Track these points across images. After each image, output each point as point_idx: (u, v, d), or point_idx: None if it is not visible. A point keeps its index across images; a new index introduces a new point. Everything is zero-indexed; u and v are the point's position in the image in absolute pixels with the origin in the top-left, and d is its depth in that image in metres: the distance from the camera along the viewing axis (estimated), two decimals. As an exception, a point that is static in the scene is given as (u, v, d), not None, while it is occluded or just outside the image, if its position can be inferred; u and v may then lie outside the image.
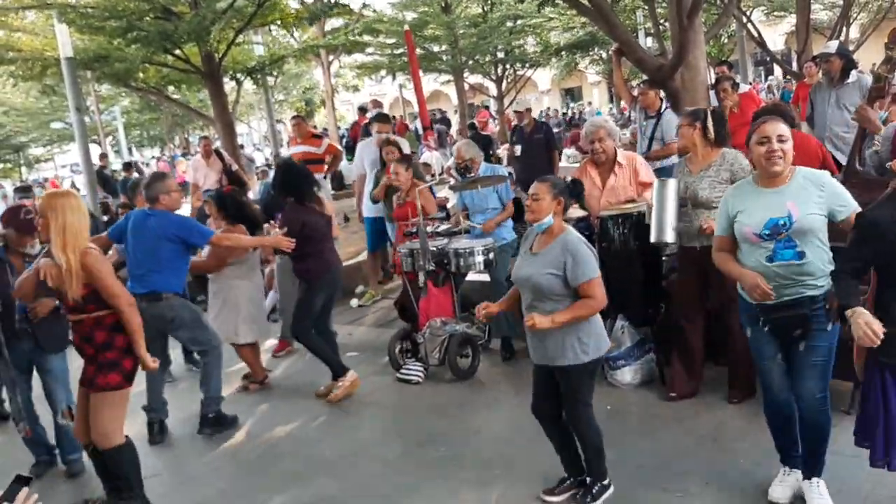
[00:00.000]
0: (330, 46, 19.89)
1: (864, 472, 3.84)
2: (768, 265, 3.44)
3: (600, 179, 5.65)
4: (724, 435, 4.46)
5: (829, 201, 3.42)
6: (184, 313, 5.45)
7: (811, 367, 3.49)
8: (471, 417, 5.32)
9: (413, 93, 15.76)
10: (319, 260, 5.90)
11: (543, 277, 3.74)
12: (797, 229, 3.38)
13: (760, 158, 3.46)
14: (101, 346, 4.12)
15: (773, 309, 3.48)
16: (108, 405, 4.17)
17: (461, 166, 6.51)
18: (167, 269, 5.30)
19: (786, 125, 3.49)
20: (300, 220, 5.79)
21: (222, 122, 14.19)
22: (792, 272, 3.42)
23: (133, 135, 40.58)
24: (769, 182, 3.51)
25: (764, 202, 3.47)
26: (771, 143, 3.41)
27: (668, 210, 4.82)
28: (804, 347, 3.48)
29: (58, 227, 3.93)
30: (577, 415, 3.88)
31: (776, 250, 3.42)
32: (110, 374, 4.13)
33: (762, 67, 36.65)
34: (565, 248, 3.73)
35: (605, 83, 38.85)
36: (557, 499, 4.04)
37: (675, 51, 7.51)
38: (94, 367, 4.15)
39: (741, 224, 3.53)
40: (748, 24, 15.97)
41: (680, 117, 5.20)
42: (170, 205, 5.36)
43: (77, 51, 12.79)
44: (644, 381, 5.37)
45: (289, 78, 34.16)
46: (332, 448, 5.13)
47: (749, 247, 3.53)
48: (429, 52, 25.09)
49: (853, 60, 7.32)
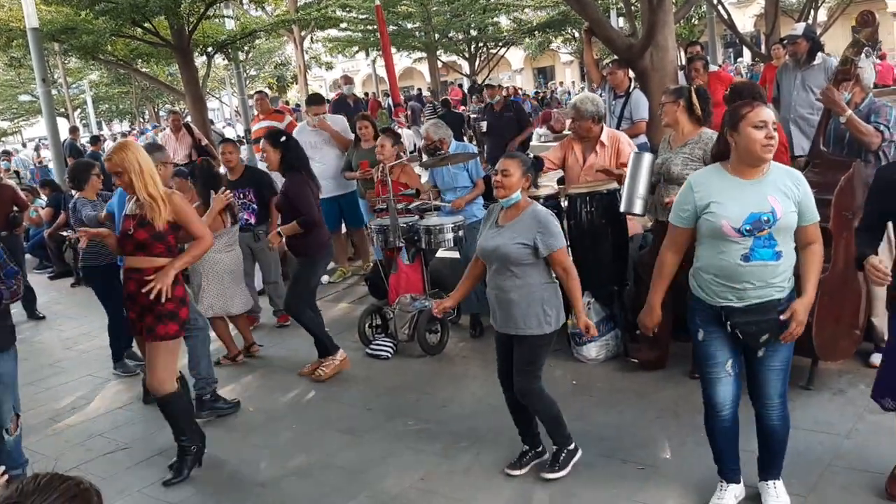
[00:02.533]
0: (302, 21, 19.71)
1: (822, 445, 3.98)
2: (743, 264, 3.16)
3: (582, 156, 5.72)
4: (684, 409, 4.56)
5: (802, 199, 3.19)
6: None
7: (771, 371, 3.31)
8: (439, 392, 5.39)
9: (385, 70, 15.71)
10: (318, 235, 5.74)
11: (513, 247, 3.82)
12: (780, 227, 3.13)
13: (756, 144, 3.10)
14: (159, 296, 4.23)
15: (741, 312, 3.22)
16: (165, 353, 4.37)
17: (430, 147, 6.52)
18: None
19: None
20: (306, 189, 5.61)
21: (192, 96, 14.05)
22: (765, 273, 3.17)
23: (102, 109, 39.96)
24: (746, 172, 3.20)
25: (744, 193, 3.16)
26: (768, 127, 3.11)
27: (640, 182, 4.90)
28: (765, 352, 3.28)
29: (136, 173, 4.20)
30: (529, 388, 3.95)
31: (754, 248, 3.14)
32: (170, 323, 4.32)
33: (731, 49, 36.89)
34: (536, 219, 3.83)
35: (578, 63, 38.90)
36: (521, 472, 4.12)
37: (645, 31, 7.57)
38: (152, 316, 4.31)
39: (716, 216, 3.17)
40: (718, 6, 16.06)
41: (662, 95, 5.21)
42: (162, 177, 5.33)
43: (43, 22, 12.59)
44: (609, 357, 5.47)
45: (260, 53, 33.81)
46: (300, 421, 5.18)
47: (720, 243, 3.20)
48: (402, 29, 24.99)
49: (819, 43, 7.42)
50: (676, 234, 3.40)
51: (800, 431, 4.08)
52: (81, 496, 1.77)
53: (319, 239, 5.76)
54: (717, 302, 3.27)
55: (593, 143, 5.68)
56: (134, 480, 4.57)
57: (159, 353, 4.36)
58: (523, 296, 3.85)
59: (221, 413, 5.41)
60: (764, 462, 3.55)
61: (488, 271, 4.01)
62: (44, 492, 1.73)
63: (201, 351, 5.46)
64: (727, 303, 3.24)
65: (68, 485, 1.77)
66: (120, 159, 4.20)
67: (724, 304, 3.25)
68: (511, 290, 3.87)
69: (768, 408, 3.38)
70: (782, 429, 3.42)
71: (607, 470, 4.07)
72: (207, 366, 5.47)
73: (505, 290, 3.89)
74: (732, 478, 3.59)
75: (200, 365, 5.43)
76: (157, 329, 4.32)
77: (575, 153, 5.75)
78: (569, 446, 4.08)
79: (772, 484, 3.53)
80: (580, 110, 5.62)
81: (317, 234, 5.72)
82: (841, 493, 3.60)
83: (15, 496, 1.74)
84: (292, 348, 6.57)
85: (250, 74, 34.22)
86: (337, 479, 4.33)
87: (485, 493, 4.02)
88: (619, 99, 7.31)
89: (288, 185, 5.74)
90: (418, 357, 6.02)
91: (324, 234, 5.84)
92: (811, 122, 6.59)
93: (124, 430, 5.38)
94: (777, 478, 3.54)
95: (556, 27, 26.32)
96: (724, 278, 3.22)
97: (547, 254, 3.80)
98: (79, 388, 6.32)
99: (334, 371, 5.78)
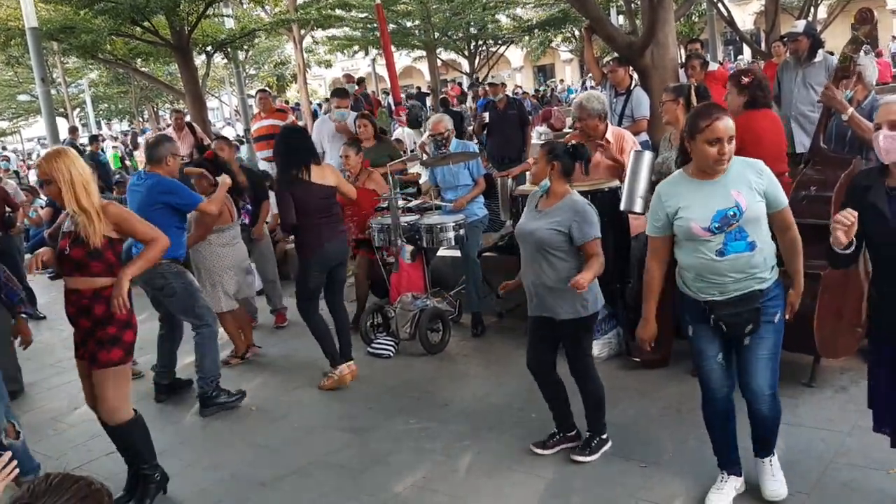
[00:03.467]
0: (302, 20, 19.69)
1: (824, 442, 3.98)
2: (718, 259, 3.26)
3: None
4: (687, 406, 4.55)
5: (768, 188, 3.29)
6: (175, 282, 5.29)
7: (759, 360, 3.38)
8: (440, 391, 5.38)
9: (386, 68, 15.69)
10: (311, 235, 5.49)
11: (548, 232, 3.94)
12: (748, 218, 3.23)
13: (708, 159, 3.23)
14: (101, 321, 3.99)
15: (724, 305, 3.32)
16: (112, 381, 4.04)
17: (439, 138, 6.47)
18: None
19: (732, 121, 3.27)
20: (285, 193, 5.44)
21: (192, 95, 14.05)
22: (743, 265, 3.27)
23: (101, 108, 39.93)
24: (707, 175, 3.31)
25: (707, 194, 3.28)
26: (722, 144, 3.20)
27: (640, 180, 4.91)
28: (750, 341, 3.36)
29: (66, 183, 3.86)
30: (584, 367, 4.11)
31: (727, 243, 3.25)
32: (113, 348, 4.00)
33: (731, 47, 36.85)
34: (573, 209, 3.96)
35: (578, 61, 38.88)
36: (548, 452, 4.21)
37: (646, 29, 7.56)
38: (93, 341, 4.02)
39: (686, 220, 3.30)
40: (718, 4, 16.04)
41: (663, 93, 5.20)
42: (171, 169, 5.32)
43: (42, 21, 12.56)
44: (612, 355, 5.46)
45: (260, 52, 33.76)
46: (301, 420, 5.17)
47: (695, 244, 3.31)
48: (401, 28, 24.96)
49: (820, 40, 7.41)
50: (656, 244, 3.53)
51: (802, 429, 4.09)
52: (92, 496, 1.77)
53: (311, 239, 5.49)
54: (700, 297, 3.39)
55: (597, 142, 5.64)
56: (135, 480, 4.56)
57: (106, 381, 4.03)
58: (557, 282, 3.95)
59: (227, 407, 5.38)
60: (757, 440, 3.61)
61: (523, 257, 4.13)
62: (55, 492, 1.73)
63: (206, 348, 5.42)
64: (710, 297, 3.36)
65: (80, 485, 1.77)
66: (49, 168, 3.88)
67: (708, 298, 3.36)
68: (546, 275, 3.98)
69: (758, 399, 3.42)
70: (772, 418, 3.50)
71: (610, 468, 4.06)
72: (211, 363, 5.41)
73: (540, 276, 4.00)
74: (733, 470, 3.64)
75: (204, 362, 5.39)
76: (100, 355, 4.00)
77: None
78: (602, 434, 4.18)
79: (768, 461, 3.61)
80: (587, 108, 5.56)
81: (308, 233, 5.49)
82: (843, 490, 3.59)
83: (27, 496, 1.74)
84: (292, 348, 6.58)
85: (249, 74, 34.18)
86: (338, 479, 4.33)
87: (486, 491, 4.01)
88: (620, 97, 7.30)
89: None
90: (420, 356, 6.02)
91: (316, 234, 5.48)
92: (812, 120, 6.58)
93: (125, 429, 5.37)
94: (772, 453, 3.61)
95: (556, 25, 26.31)
96: (703, 275, 3.34)
97: (581, 242, 3.90)
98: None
99: (332, 385, 5.59)
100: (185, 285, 5.36)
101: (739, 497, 3.62)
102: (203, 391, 5.39)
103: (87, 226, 3.87)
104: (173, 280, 5.30)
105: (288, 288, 8.26)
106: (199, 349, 5.42)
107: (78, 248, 3.92)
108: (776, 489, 3.57)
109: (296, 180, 5.39)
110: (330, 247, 5.54)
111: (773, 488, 3.57)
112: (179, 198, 5.25)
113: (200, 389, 5.40)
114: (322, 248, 5.51)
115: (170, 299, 5.41)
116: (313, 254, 5.52)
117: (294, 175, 5.40)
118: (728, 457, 3.64)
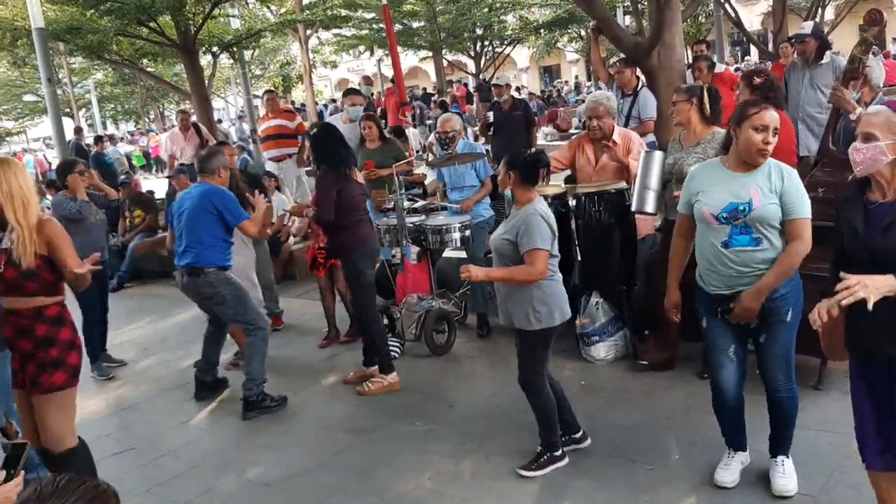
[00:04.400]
0: (307, 21, 19.70)
1: (831, 445, 3.96)
2: (724, 251, 3.39)
3: (594, 157, 5.64)
4: (694, 409, 4.54)
5: (787, 192, 3.33)
6: (224, 290, 5.33)
7: (774, 357, 3.50)
8: (446, 392, 5.37)
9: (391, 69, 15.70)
10: (357, 230, 5.42)
11: (499, 241, 4.01)
12: (754, 217, 3.32)
13: (753, 146, 3.32)
14: (42, 342, 3.73)
15: (729, 299, 3.43)
16: (56, 407, 3.76)
17: (446, 137, 6.45)
18: (208, 243, 5.27)
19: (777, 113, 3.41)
20: (331, 188, 5.31)
21: (198, 96, 14.04)
22: (747, 259, 3.36)
23: (107, 108, 40.03)
24: (740, 167, 3.42)
25: (727, 185, 3.41)
26: (768, 133, 3.31)
27: (651, 181, 4.88)
28: (765, 339, 3.48)
29: (5, 195, 3.62)
30: (526, 380, 4.07)
31: (731, 235, 3.37)
32: (56, 372, 3.73)
33: (739, 48, 36.79)
34: (524, 218, 3.93)
35: (584, 61, 38.85)
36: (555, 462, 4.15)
37: (652, 29, 7.54)
38: (34, 365, 3.72)
39: (700, 204, 3.46)
40: (725, 4, 16.00)
41: (674, 94, 5.17)
42: (223, 181, 5.41)
43: (48, 21, 12.58)
44: (618, 357, 5.45)
45: (265, 52, 33.81)
46: (307, 421, 5.17)
47: (707, 228, 3.47)
48: (407, 28, 24.95)
49: (828, 41, 7.39)
50: (680, 220, 3.73)
51: (809, 431, 4.06)
52: (100, 498, 1.76)
53: (353, 238, 5.41)
54: (710, 290, 3.51)
55: (605, 143, 5.62)
56: (142, 481, 4.57)
57: (49, 407, 3.74)
58: (512, 291, 3.99)
59: (270, 411, 5.36)
60: (774, 438, 3.70)
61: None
62: (62, 494, 1.72)
63: (255, 349, 5.42)
64: (717, 290, 3.48)
65: (87, 487, 1.76)
66: None
67: (715, 292, 3.49)
68: (504, 284, 4.02)
69: (776, 387, 3.56)
70: (789, 404, 3.59)
71: (616, 470, 4.05)
72: (259, 365, 5.39)
73: (500, 286, 4.07)
74: (739, 446, 3.78)
75: (252, 364, 5.38)
76: (41, 379, 3.71)
77: (586, 154, 5.64)
78: (554, 451, 4.11)
79: (780, 460, 3.68)
80: (609, 108, 5.51)
81: (350, 232, 5.40)
82: (850, 492, 3.57)
83: (34, 498, 1.73)
84: (296, 349, 6.56)
85: (255, 74, 34.22)
86: (343, 480, 4.32)
87: (493, 493, 4.00)
88: (627, 98, 7.28)
89: (317, 178, 5.61)
90: (425, 357, 6.00)
91: (355, 234, 5.41)
92: (819, 121, 6.56)
93: (131, 430, 5.38)
94: (786, 454, 3.68)
95: (563, 25, 26.29)
96: (712, 264, 3.46)
97: (522, 252, 3.88)
98: (83, 388, 6.25)
99: (380, 391, 5.43)
100: (234, 291, 5.40)
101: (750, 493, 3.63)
102: (248, 394, 5.34)
103: (20, 244, 3.61)
104: (222, 288, 5.33)
105: (290, 289, 8.29)
106: (248, 350, 5.44)
107: (11, 267, 3.64)
108: (786, 484, 3.62)
109: (344, 177, 5.39)
110: (372, 241, 5.64)
111: (783, 483, 3.62)
112: (227, 208, 5.29)
113: (246, 391, 5.35)
114: (369, 241, 5.55)
115: (220, 307, 5.44)
116: (362, 247, 5.47)
117: (343, 172, 5.40)
118: (735, 437, 3.78)
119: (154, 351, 7.08)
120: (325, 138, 5.50)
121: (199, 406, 5.64)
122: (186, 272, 5.32)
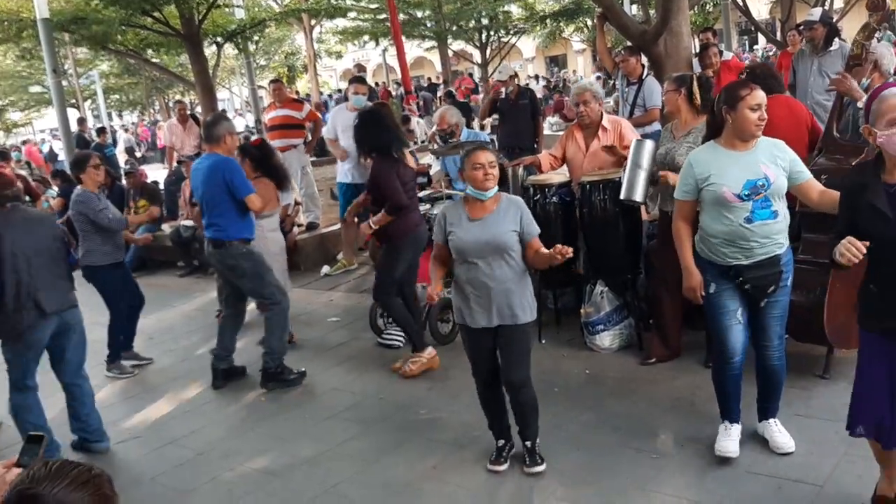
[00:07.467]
0: (312, 11, 19.65)
1: (837, 434, 3.92)
2: (747, 226, 3.54)
3: (584, 143, 5.64)
4: (699, 397, 4.52)
5: (791, 164, 3.59)
6: (244, 263, 5.39)
7: (773, 318, 3.73)
8: (450, 381, 5.35)
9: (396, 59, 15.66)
10: (405, 219, 5.36)
11: (508, 235, 3.81)
12: (774, 190, 3.53)
13: (750, 124, 3.52)
14: None
15: (751, 268, 3.60)
16: None
17: (446, 132, 6.44)
18: (227, 216, 5.31)
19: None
20: (392, 173, 5.25)
21: (202, 86, 14.03)
22: (767, 231, 3.56)
23: (112, 99, 40.01)
24: (738, 145, 3.61)
25: (738, 163, 3.57)
26: (762, 110, 3.52)
27: (641, 170, 4.85)
28: (766, 303, 3.68)
29: None
30: (527, 378, 3.98)
31: (754, 210, 3.53)
32: None
33: (746, 36, 36.57)
34: (517, 206, 3.91)
35: (590, 51, 38.68)
36: (504, 466, 4.09)
37: (659, 17, 7.48)
38: None
39: (717, 186, 3.57)
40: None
41: (665, 83, 5.18)
42: (230, 147, 5.38)
43: (53, 12, 12.58)
44: (622, 346, 5.42)
45: (270, 43, 33.71)
46: (311, 411, 5.17)
47: (724, 209, 3.58)
48: (412, 18, 24.88)
49: (836, 28, 7.34)
50: (683, 207, 3.80)
51: (815, 420, 4.05)
52: (92, 482, 1.77)
53: (400, 225, 5.36)
54: (726, 262, 3.64)
55: (595, 130, 5.60)
56: (146, 469, 4.58)
57: None
58: (518, 282, 3.87)
59: (288, 385, 5.44)
60: (764, 404, 3.94)
61: (464, 267, 3.90)
62: (55, 477, 1.73)
63: (275, 324, 5.48)
64: (736, 261, 3.62)
65: (79, 471, 1.77)
66: None
67: (734, 262, 3.62)
68: (507, 279, 3.83)
69: (770, 349, 3.77)
70: (781, 368, 3.82)
71: (621, 459, 4.04)
72: (278, 340, 5.50)
73: (502, 281, 3.82)
74: (736, 419, 3.91)
75: (272, 339, 5.46)
76: None
77: (577, 141, 5.64)
78: (537, 439, 4.08)
79: (773, 422, 3.92)
80: (596, 93, 5.56)
81: (399, 219, 5.35)
82: (857, 482, 3.55)
83: (27, 482, 1.73)
84: (302, 339, 6.54)
85: (260, 64, 34.16)
86: (348, 469, 4.32)
87: (497, 482, 4.00)
88: (632, 86, 7.24)
89: (373, 167, 5.43)
90: (430, 346, 5.98)
91: (408, 219, 5.40)
92: (828, 109, 6.48)
93: (135, 419, 5.39)
94: (775, 416, 3.92)
95: (569, 15, 26.15)
96: (731, 240, 3.60)
97: (530, 238, 3.85)
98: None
99: (421, 369, 5.46)
100: (255, 265, 5.44)
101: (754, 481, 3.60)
102: (267, 366, 5.47)
103: None
104: (242, 261, 5.39)
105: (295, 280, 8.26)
106: (268, 324, 5.51)
107: None
108: (786, 441, 3.84)
109: (398, 161, 5.36)
110: (422, 231, 5.55)
111: (783, 440, 3.85)
112: (235, 179, 5.29)
113: (265, 364, 5.47)
114: (420, 228, 5.51)
115: (241, 280, 5.49)
116: (411, 234, 5.42)
117: (395, 156, 5.36)
118: (733, 408, 3.90)
119: (159, 340, 7.09)
120: (370, 124, 5.42)
121: (204, 395, 5.64)
122: (212, 244, 5.42)
